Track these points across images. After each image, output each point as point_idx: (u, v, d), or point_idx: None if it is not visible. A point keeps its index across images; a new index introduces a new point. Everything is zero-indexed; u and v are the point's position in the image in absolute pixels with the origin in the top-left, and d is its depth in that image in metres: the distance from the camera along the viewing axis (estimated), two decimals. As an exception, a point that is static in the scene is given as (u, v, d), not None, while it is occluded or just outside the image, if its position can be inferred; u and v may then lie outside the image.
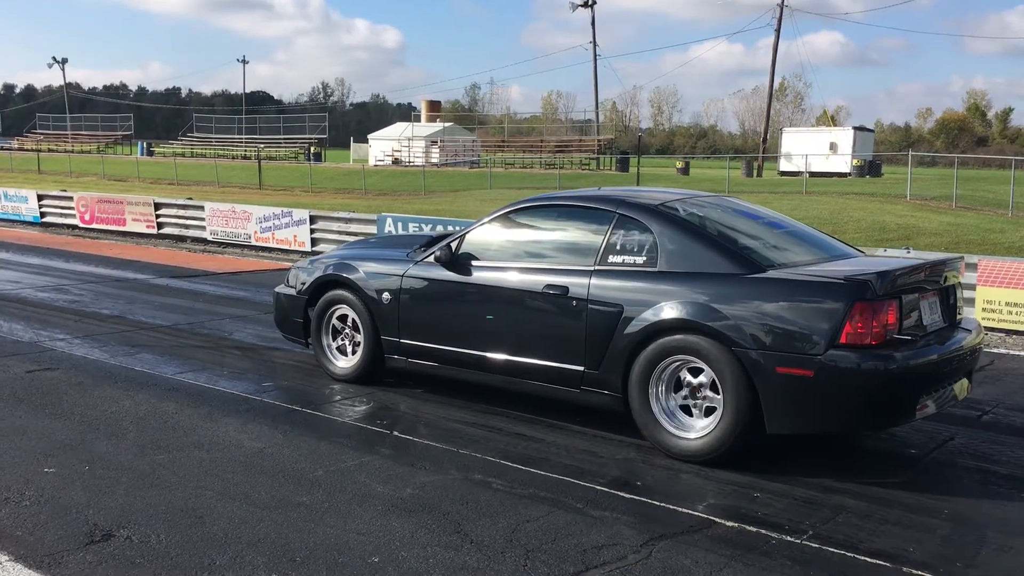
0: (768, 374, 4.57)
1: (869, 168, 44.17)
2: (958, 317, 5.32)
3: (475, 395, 6.05)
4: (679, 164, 49.20)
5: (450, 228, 10.11)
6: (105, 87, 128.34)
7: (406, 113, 76.81)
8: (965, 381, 5.15)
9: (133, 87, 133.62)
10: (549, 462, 4.88)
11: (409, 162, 53.94)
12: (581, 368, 5.27)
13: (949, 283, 5.16)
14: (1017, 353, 8.33)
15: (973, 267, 9.11)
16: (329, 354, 6.61)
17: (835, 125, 58.70)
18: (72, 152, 62.14)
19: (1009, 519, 4.25)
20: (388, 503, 4.27)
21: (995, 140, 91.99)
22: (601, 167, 50.71)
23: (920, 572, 3.63)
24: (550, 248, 5.69)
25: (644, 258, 5.16)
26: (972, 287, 9.04)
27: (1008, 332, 9.04)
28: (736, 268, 4.89)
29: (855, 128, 52.33)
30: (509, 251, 5.79)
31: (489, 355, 5.66)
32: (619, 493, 4.46)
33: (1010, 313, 9.01)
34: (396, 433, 5.38)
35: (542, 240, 5.79)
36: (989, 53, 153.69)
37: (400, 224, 13.83)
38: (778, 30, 50.41)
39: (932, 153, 60.94)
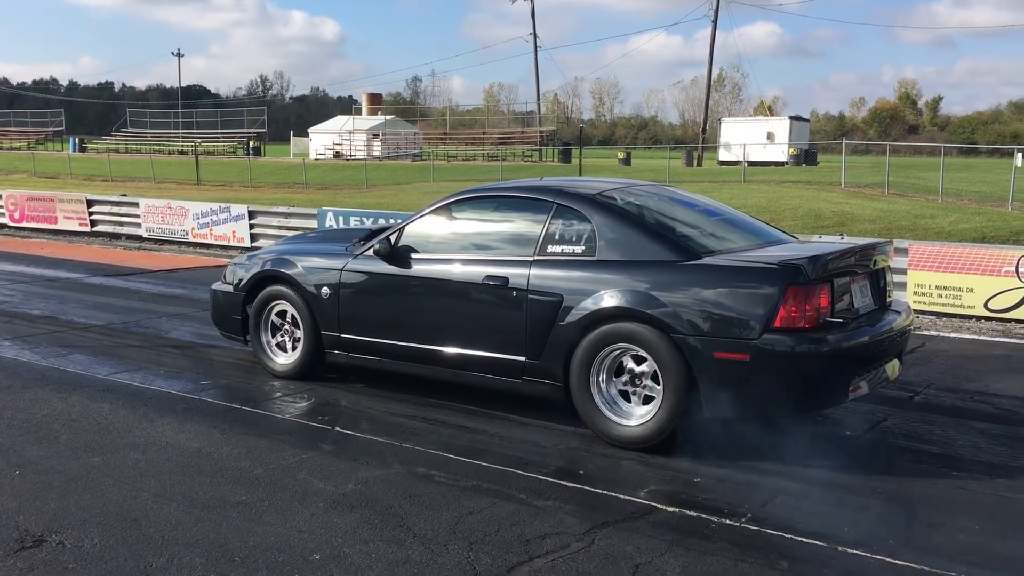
0: (706, 359, 4.63)
1: (805, 157, 44.98)
2: (888, 300, 5.45)
3: (417, 388, 6.02)
4: (621, 155, 49.58)
5: (391, 221, 10.03)
6: (35, 82, 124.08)
7: (347, 106, 76.14)
8: (896, 362, 5.28)
9: (64, 82, 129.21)
10: (492, 453, 4.88)
11: (351, 155, 53.39)
12: (523, 358, 5.28)
13: (879, 267, 5.28)
14: (947, 335, 8.56)
15: (904, 252, 9.34)
16: (268, 351, 6.53)
17: (772, 115, 59.61)
18: (1, 149, 60.23)
19: (941, 497, 4.37)
20: (330, 499, 4.23)
21: (926, 128, 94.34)
22: (544, 159, 50.78)
23: (855, 551, 3.72)
24: (490, 239, 5.69)
25: (583, 247, 5.19)
26: (903, 271, 9.27)
27: (938, 315, 9.29)
28: (673, 255, 4.94)
29: (791, 118, 53.18)
30: (449, 243, 5.77)
31: (430, 348, 5.64)
32: (562, 482, 4.48)
33: (940, 296, 9.26)
34: (338, 428, 5.33)
35: (482, 231, 5.78)
36: (919, 43, 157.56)
37: (341, 218, 13.69)
38: (715, 21, 51.06)
39: (866, 142, 62.31)
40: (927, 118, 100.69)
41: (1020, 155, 21.62)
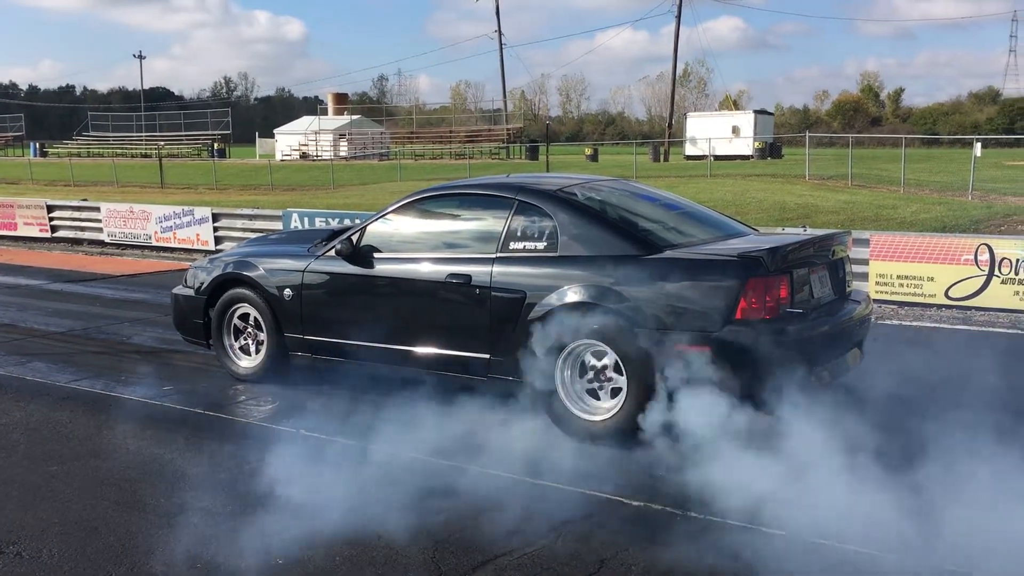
0: (668, 352, 4.64)
1: (770, 150, 45.32)
2: (848, 290, 5.51)
3: (384, 389, 5.99)
4: (588, 151, 49.62)
5: (356, 221, 9.96)
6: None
7: (312, 107, 75.50)
8: (856, 351, 5.34)
9: (24, 86, 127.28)
10: (458, 453, 4.85)
11: (317, 156, 53.06)
12: (487, 356, 5.27)
13: (838, 257, 5.34)
14: (909, 324, 8.67)
15: (865, 242, 9.44)
16: (232, 354, 6.46)
17: (737, 109, 60.00)
18: (-41, 155, 59.16)
19: (900, 488, 4.39)
20: (294, 503, 4.18)
21: (888, 120, 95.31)
22: (511, 156, 50.77)
23: (819, 540, 3.73)
24: (452, 237, 5.67)
25: (545, 243, 5.18)
26: (865, 262, 9.37)
27: (900, 304, 9.40)
28: (635, 250, 4.95)
29: (756, 112, 53.56)
30: (411, 242, 5.75)
31: (395, 347, 5.61)
32: (527, 479, 4.47)
33: (901, 285, 9.37)
34: (303, 431, 5.28)
35: (444, 229, 5.77)
36: (880, 35, 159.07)
37: (306, 219, 13.59)
38: (679, 16, 51.14)
39: (829, 134, 62.87)
40: (889, 110, 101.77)
41: (979, 145, 21.94)
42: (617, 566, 3.57)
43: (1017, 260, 8.81)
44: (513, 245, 5.28)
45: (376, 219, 5.96)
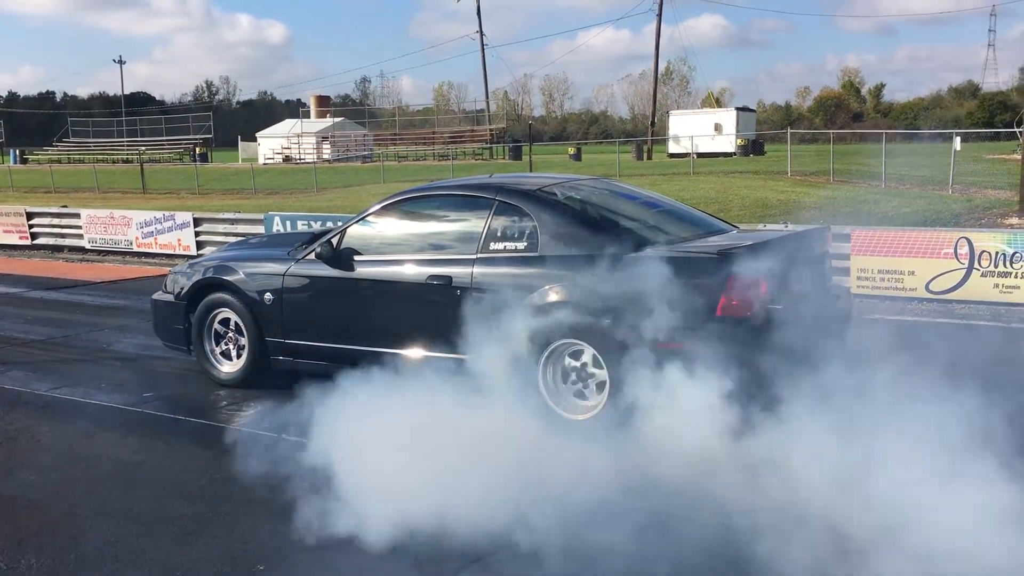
0: (650, 350, 4.63)
1: (752, 147, 45.41)
2: (828, 285, 5.51)
3: (366, 391, 5.94)
4: (571, 150, 49.56)
5: (338, 224, 9.92)
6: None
7: (295, 110, 75.02)
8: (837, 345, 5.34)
9: (3, 92, 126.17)
10: (444, 455, 4.79)
11: (300, 159, 52.85)
12: (469, 356, 5.24)
13: (817, 252, 5.35)
14: (891, 318, 8.70)
15: (846, 237, 9.47)
16: (213, 359, 6.41)
17: (719, 106, 60.16)
18: (-63, 163, 58.56)
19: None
20: (275, 509, 4.16)
21: (870, 115, 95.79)
22: (495, 156, 50.73)
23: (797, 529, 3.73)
24: (433, 238, 5.65)
25: (525, 243, 5.17)
26: (846, 257, 9.41)
27: (881, 298, 9.44)
28: (615, 248, 4.93)
29: (738, 109, 53.64)
30: (391, 244, 5.73)
31: (376, 350, 5.58)
32: (513, 478, 4.41)
33: (883, 280, 9.41)
34: (284, 436, 5.25)
35: (424, 231, 5.74)
36: (861, 31, 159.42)
37: (288, 222, 13.52)
38: (659, 15, 51.16)
39: (811, 130, 63.13)
40: (871, 105, 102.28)
41: (959, 139, 22.07)
42: (605, 563, 3.56)
43: (996, 253, 8.86)
44: (494, 246, 5.26)
45: (356, 221, 5.93)
